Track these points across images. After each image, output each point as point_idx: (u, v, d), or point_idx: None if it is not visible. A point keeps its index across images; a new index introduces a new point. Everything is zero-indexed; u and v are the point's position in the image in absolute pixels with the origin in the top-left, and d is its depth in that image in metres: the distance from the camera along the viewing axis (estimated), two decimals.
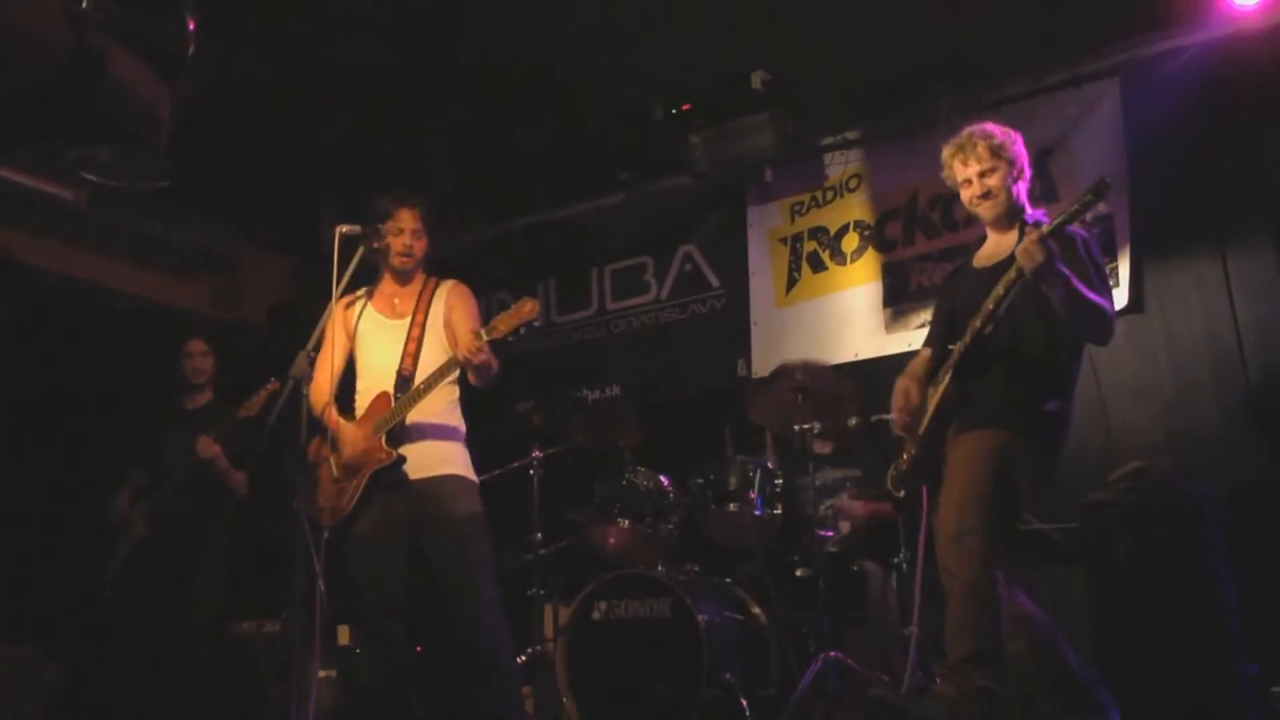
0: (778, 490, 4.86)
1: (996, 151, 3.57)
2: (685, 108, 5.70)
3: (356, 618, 4.06)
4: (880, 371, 5.12)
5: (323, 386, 4.00)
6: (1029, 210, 3.60)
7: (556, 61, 5.42)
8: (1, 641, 5.16)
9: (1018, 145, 3.62)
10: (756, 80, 5.50)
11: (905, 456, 3.56)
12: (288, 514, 3.57)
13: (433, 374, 3.83)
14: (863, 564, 4.75)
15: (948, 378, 3.39)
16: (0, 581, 5.37)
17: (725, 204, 6.38)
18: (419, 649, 4.70)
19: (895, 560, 4.61)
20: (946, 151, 3.69)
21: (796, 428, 4.75)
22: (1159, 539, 4.23)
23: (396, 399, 3.89)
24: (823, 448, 5.07)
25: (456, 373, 3.89)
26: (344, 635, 5.30)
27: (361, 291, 4.17)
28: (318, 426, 3.94)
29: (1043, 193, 5.36)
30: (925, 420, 3.46)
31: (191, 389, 5.36)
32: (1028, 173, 3.64)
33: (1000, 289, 3.27)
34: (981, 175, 3.56)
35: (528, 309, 3.66)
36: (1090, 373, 5.10)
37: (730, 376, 6.10)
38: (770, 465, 4.94)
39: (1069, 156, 5.35)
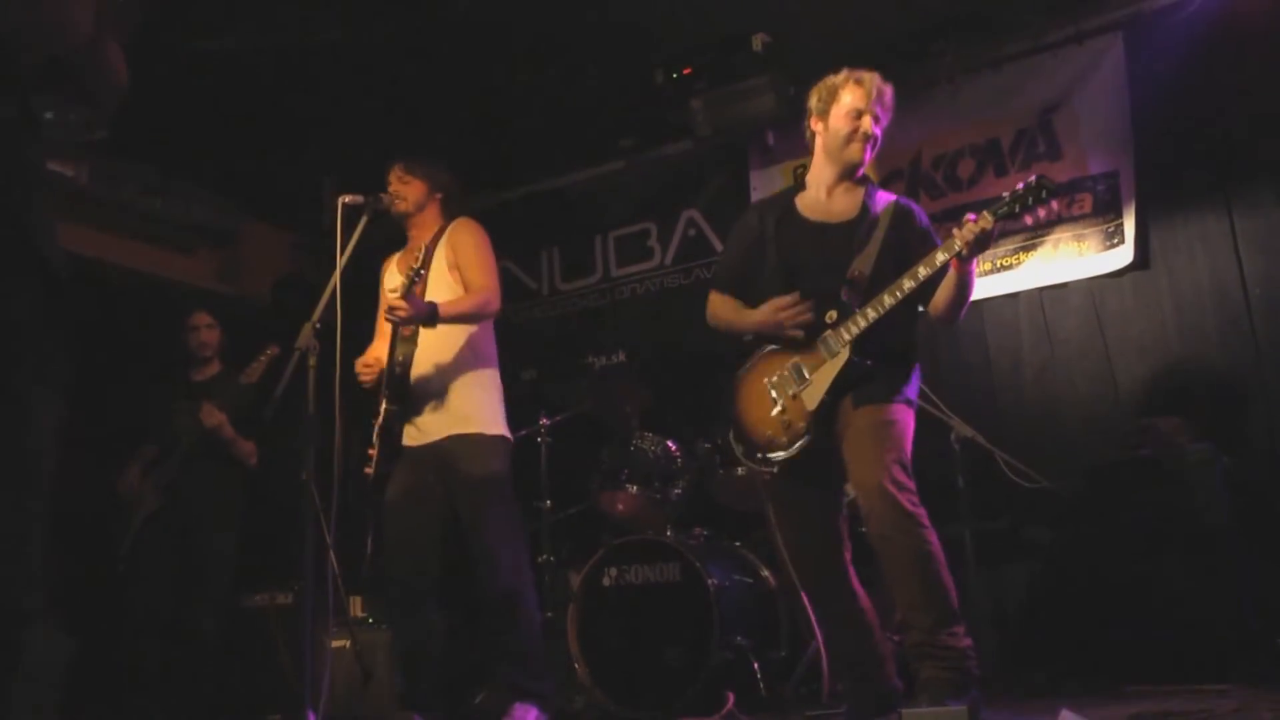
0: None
1: (889, 109, 3.50)
2: (686, 72, 5.67)
3: (386, 583, 4.09)
4: None
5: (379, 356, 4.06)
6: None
7: (555, 28, 5.38)
8: None
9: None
10: (757, 43, 5.46)
11: (780, 433, 3.35)
12: (298, 485, 3.58)
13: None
14: None
15: (846, 351, 3.26)
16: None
17: (728, 168, 6.35)
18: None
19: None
20: (842, 75, 3.50)
21: None
22: (1166, 495, 4.26)
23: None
24: None
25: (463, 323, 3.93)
26: (356, 606, 5.33)
27: (393, 256, 4.22)
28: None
29: (1046, 151, 5.35)
30: (820, 395, 3.28)
31: (199, 362, 5.37)
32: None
33: (924, 269, 3.20)
34: (875, 118, 3.46)
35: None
36: (1097, 330, 5.12)
37: (735, 340, 6.08)
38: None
39: (1072, 114, 5.32)
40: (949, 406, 4.63)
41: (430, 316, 3.78)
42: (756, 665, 4.33)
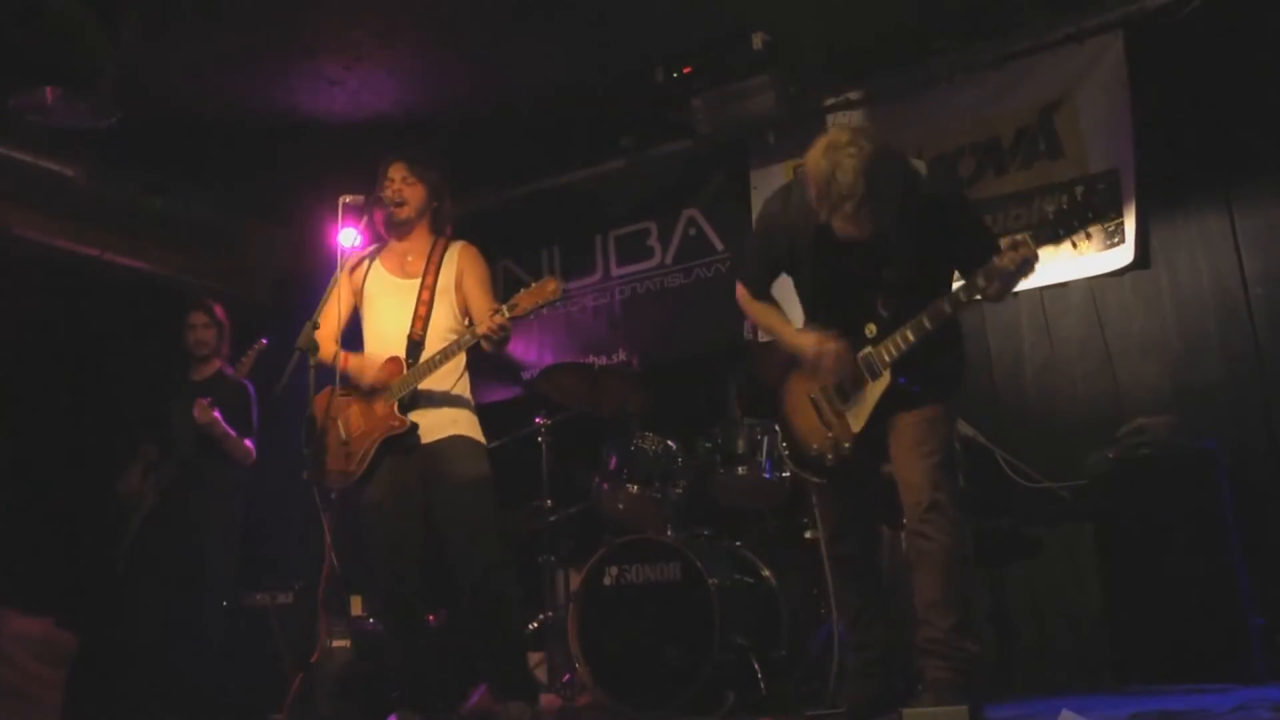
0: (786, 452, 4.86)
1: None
2: (686, 71, 5.66)
3: (371, 584, 4.07)
4: None
5: (329, 338, 3.97)
6: None
7: (555, 27, 5.38)
8: (18, 614, 5.20)
9: None
10: (757, 41, 5.45)
11: (828, 450, 3.43)
12: (298, 485, 3.58)
13: (449, 346, 3.84)
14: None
15: (887, 375, 3.27)
16: (16, 555, 5.41)
17: (728, 167, 6.34)
18: (431, 617, 4.73)
19: (904, 522, 4.61)
20: (839, 193, 3.04)
21: None
22: (1167, 494, 4.25)
23: (409, 364, 3.89)
24: None
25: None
26: (356, 605, 5.33)
27: (370, 249, 4.16)
28: (327, 379, 3.90)
29: (1046, 150, 5.34)
30: (866, 417, 3.33)
31: (197, 360, 5.37)
32: None
33: (964, 295, 3.18)
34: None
35: (550, 289, 3.64)
36: (1097, 329, 5.12)
37: (736, 339, 6.10)
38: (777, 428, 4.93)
39: (1072, 112, 5.30)
40: None
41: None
42: (757, 665, 4.33)
